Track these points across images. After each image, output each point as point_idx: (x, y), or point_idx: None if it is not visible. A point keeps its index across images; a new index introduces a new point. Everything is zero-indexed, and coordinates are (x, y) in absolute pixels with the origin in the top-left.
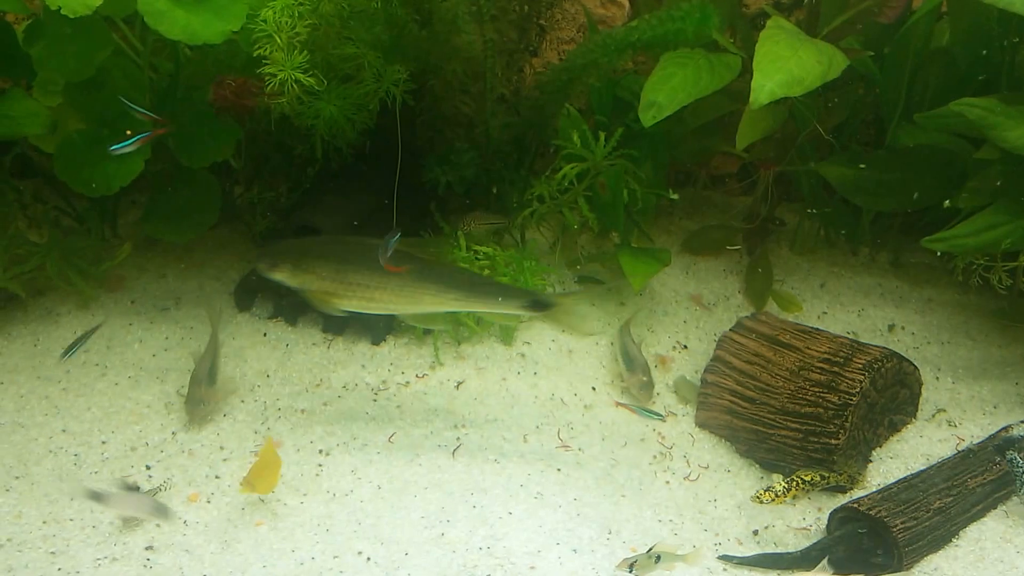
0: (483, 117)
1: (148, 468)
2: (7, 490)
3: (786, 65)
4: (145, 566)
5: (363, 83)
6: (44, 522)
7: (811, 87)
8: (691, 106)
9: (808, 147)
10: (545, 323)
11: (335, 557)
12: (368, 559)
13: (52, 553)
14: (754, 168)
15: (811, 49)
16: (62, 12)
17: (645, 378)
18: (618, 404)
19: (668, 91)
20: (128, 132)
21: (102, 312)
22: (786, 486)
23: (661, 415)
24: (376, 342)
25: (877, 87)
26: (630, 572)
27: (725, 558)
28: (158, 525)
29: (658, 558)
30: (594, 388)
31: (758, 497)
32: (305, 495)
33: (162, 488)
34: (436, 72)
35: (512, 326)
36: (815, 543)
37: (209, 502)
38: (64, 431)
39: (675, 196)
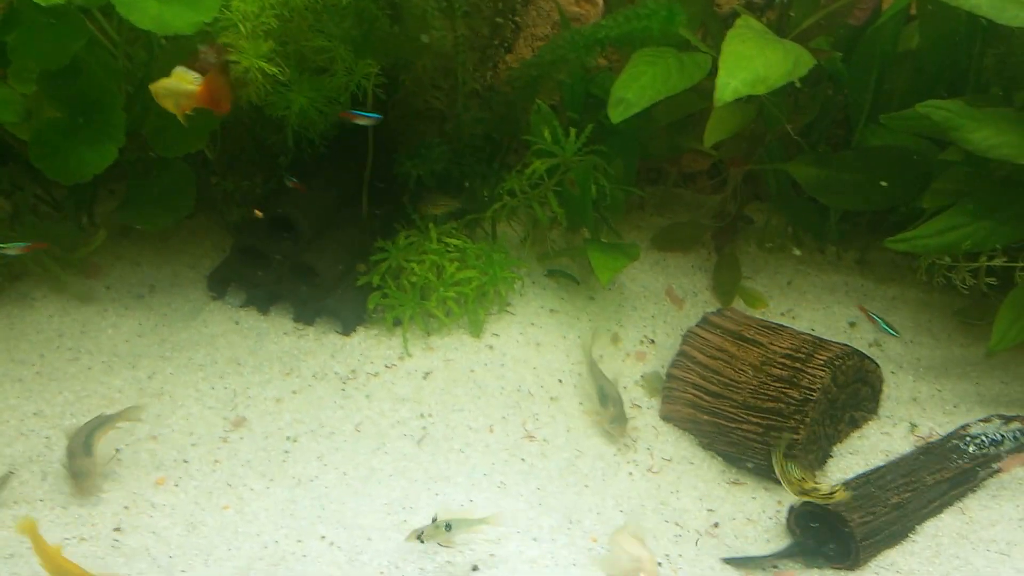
0: (454, 112)
1: (117, 451)
2: None
3: (751, 64)
4: (113, 546)
5: (335, 76)
6: (15, 502)
7: (775, 86)
8: (662, 104)
9: (777, 146)
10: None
11: (299, 541)
12: (331, 543)
13: None
14: (724, 166)
15: (777, 49)
16: (36, 0)
17: (618, 412)
18: (861, 308)
19: (637, 88)
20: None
21: (77, 298)
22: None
23: (897, 332)
24: (346, 332)
25: (845, 88)
26: (420, 540)
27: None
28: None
29: (448, 526)
30: (560, 380)
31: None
32: (271, 480)
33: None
34: (407, 67)
35: (481, 319)
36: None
37: (177, 485)
38: (36, 414)
39: (641, 193)
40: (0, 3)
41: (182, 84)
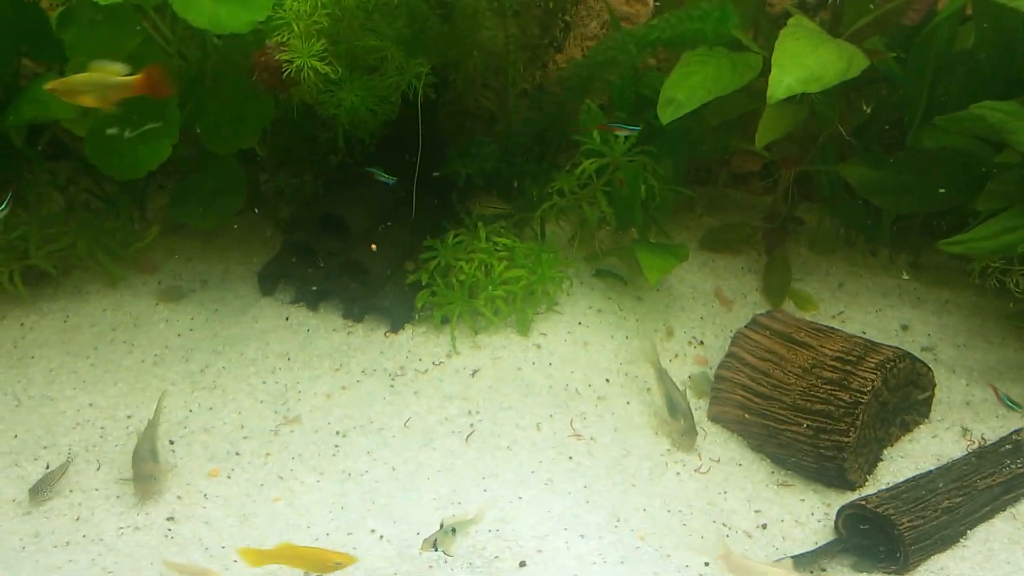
0: (504, 111)
1: (172, 443)
2: (35, 459)
3: (805, 62)
4: (166, 536)
5: (386, 75)
6: (71, 490)
7: (829, 85)
8: (712, 104)
9: (829, 147)
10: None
11: (349, 534)
12: (381, 537)
13: (77, 520)
14: (775, 167)
15: (832, 48)
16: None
17: (688, 424)
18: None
19: (688, 89)
20: None
21: (130, 292)
22: None
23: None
24: (395, 330)
25: (900, 88)
26: (435, 550)
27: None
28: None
29: (453, 530)
30: (608, 380)
31: None
32: (322, 474)
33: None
34: (458, 67)
35: (529, 317)
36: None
37: (229, 477)
38: (91, 405)
39: (691, 193)
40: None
41: (110, 76)
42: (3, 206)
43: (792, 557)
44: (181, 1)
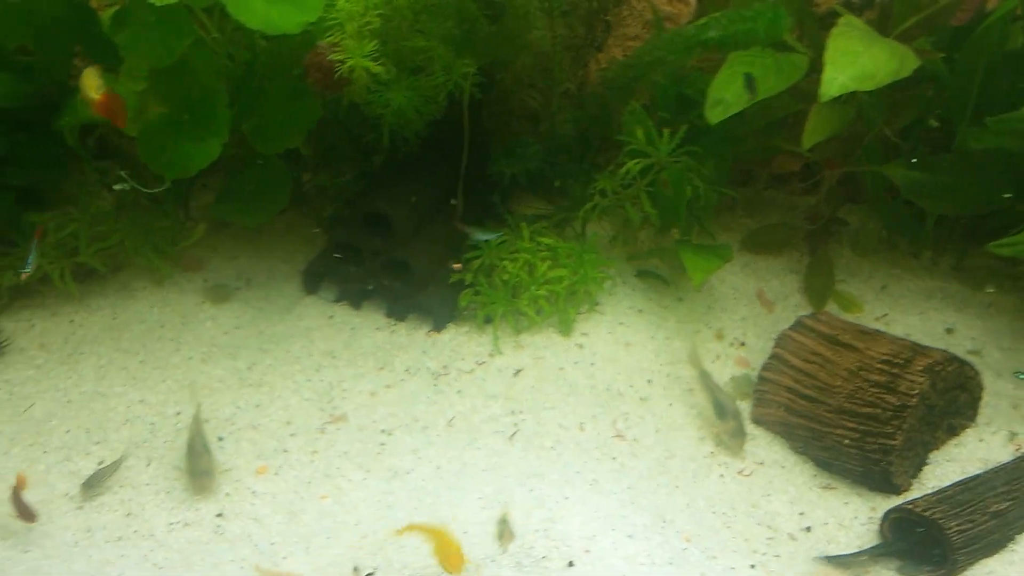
0: (549, 111)
1: (220, 440)
2: (87, 454)
3: (858, 60)
4: (216, 532)
5: (432, 75)
6: (121, 486)
7: (882, 83)
8: (755, 104)
9: (874, 148)
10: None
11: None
12: None
13: (128, 515)
14: (818, 168)
15: (884, 47)
16: (151, 0)
17: (737, 425)
18: None
19: (735, 90)
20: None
21: (177, 289)
22: None
23: None
24: (438, 329)
25: (947, 89)
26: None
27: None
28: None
29: (505, 520)
30: (650, 381)
31: None
32: (368, 472)
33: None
34: (505, 66)
35: (571, 317)
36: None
37: (277, 474)
38: (141, 401)
39: (733, 194)
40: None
41: (87, 90)
42: (27, 265)
43: (827, 558)
44: (235, 2)
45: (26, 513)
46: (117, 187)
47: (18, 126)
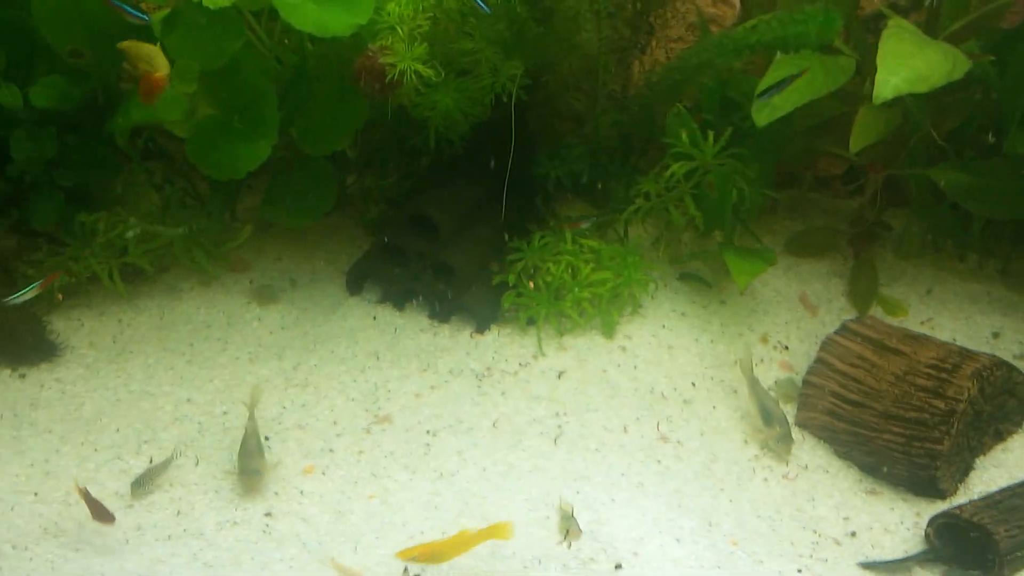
0: (594, 113)
1: (267, 439)
2: (137, 453)
3: (911, 62)
4: (264, 531)
5: (479, 77)
6: (171, 484)
7: (935, 86)
8: (800, 107)
9: (920, 151)
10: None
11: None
12: None
13: (178, 514)
14: (862, 171)
15: (936, 49)
16: (204, 3)
17: (784, 431)
18: None
19: (783, 92)
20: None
21: (222, 290)
22: None
23: None
24: (481, 331)
25: (996, 93)
26: (566, 539)
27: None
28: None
29: (566, 514)
30: (693, 384)
31: None
32: (414, 473)
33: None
34: (551, 68)
35: (614, 320)
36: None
37: (324, 474)
38: (189, 401)
39: (776, 196)
40: (154, 3)
41: (142, 60)
42: (17, 295)
43: (872, 563)
44: (287, 5)
45: (103, 514)
46: (129, 234)
47: (69, 128)
